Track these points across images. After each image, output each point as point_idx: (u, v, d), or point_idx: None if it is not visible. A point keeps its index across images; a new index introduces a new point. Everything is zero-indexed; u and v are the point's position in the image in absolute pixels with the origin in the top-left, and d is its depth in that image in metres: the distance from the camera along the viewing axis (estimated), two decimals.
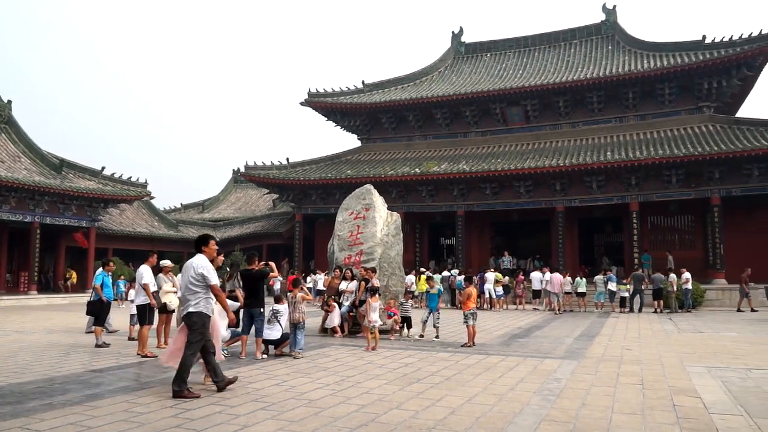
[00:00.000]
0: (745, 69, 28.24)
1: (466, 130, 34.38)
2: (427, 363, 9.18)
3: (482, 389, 7.12)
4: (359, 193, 14.06)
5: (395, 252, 13.48)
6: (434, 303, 12.68)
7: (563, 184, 28.82)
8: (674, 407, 6.20)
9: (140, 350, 9.76)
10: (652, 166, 26.57)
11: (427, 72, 38.59)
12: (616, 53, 33.67)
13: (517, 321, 17.52)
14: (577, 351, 10.74)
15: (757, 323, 16.70)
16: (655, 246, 29.09)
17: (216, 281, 6.97)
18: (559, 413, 5.93)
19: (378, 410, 6.01)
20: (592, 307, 22.47)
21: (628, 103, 30.76)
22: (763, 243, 26.54)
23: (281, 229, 36.70)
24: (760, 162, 25.25)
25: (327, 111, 36.61)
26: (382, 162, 34.02)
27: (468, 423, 5.53)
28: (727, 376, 7.97)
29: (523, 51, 38.08)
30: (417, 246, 33.83)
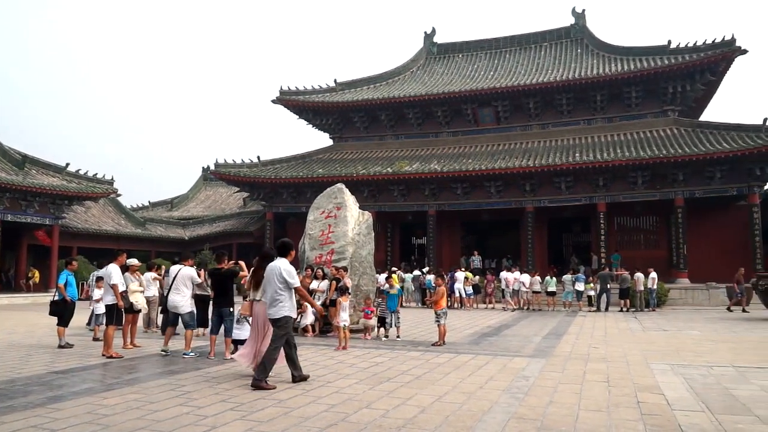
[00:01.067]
0: (708, 74, 29.00)
1: (437, 130, 34.56)
2: (397, 362, 9.20)
3: (452, 387, 7.16)
4: (331, 192, 14.01)
5: (366, 251, 13.48)
6: (394, 303, 12.71)
7: (533, 184, 29.19)
8: (638, 404, 6.33)
9: (105, 351, 9.55)
10: (619, 168, 27.10)
11: (400, 72, 38.68)
12: (585, 56, 34.23)
13: (486, 320, 17.68)
14: (546, 349, 10.89)
15: (719, 322, 17.17)
16: (622, 246, 29.69)
17: (298, 283, 7.58)
18: (527, 411, 6.00)
19: (348, 409, 6.00)
20: (560, 306, 22.82)
21: (596, 106, 31.31)
22: (723, 244, 27.33)
23: (252, 227, 36.37)
24: (721, 165, 25.97)
25: (299, 109, 36.42)
26: (354, 161, 33.98)
27: (437, 421, 5.56)
28: (690, 374, 8.17)
29: (495, 52, 38.45)
30: (388, 245, 33.90)
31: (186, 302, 9.92)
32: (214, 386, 7.16)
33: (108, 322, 9.88)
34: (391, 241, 34.33)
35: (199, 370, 8.39)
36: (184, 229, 38.99)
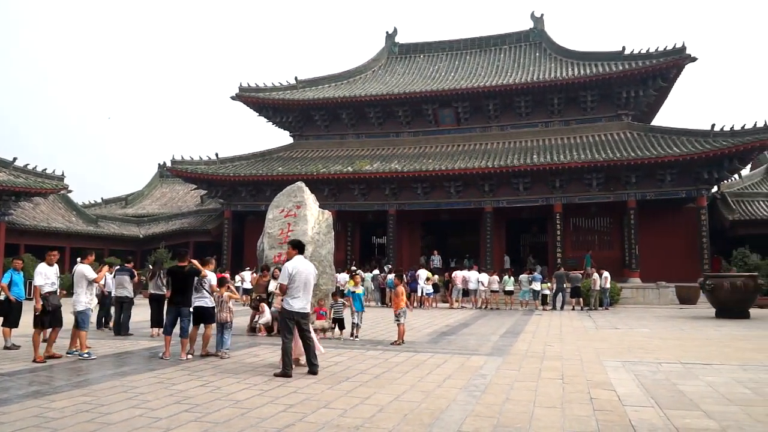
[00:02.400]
0: (660, 80, 29.95)
1: (398, 130, 34.67)
2: (356, 361, 9.18)
3: (410, 386, 7.19)
4: (290, 190, 13.87)
5: (326, 250, 13.40)
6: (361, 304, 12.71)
7: (492, 185, 29.59)
8: (591, 400, 6.48)
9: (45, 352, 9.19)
10: (575, 170, 27.72)
11: (361, 71, 38.64)
12: (543, 60, 34.89)
13: (445, 319, 17.82)
14: (503, 348, 11.04)
15: (668, 320, 17.74)
16: (577, 246, 30.39)
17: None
18: (484, 408, 6.07)
19: (306, 409, 5.96)
20: (518, 305, 23.21)
21: (554, 109, 31.94)
22: (673, 244, 28.26)
23: (209, 226, 35.75)
24: (672, 168, 26.85)
25: (259, 106, 35.98)
26: (314, 159, 33.78)
27: (396, 420, 5.57)
28: (640, 370, 8.42)
29: (455, 54, 38.82)
30: (348, 245, 33.83)
31: (80, 300, 9.55)
32: (168, 387, 7.00)
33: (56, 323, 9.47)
34: (352, 240, 34.27)
35: (154, 371, 8.19)
36: (139, 226, 38.02)
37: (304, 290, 8.04)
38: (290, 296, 7.95)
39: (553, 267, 27.53)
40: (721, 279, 18.97)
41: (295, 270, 7.96)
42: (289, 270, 7.96)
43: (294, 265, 8.02)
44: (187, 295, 9.51)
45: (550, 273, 26.19)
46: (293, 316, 7.97)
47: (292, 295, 7.95)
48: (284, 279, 7.95)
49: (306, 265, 8.24)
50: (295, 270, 7.97)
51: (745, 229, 29.45)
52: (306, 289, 8.07)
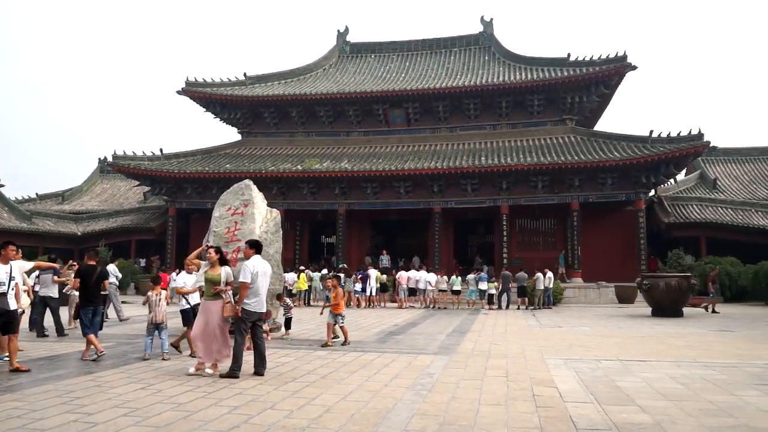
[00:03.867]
0: (602, 87, 30.96)
1: (349, 129, 34.61)
2: (303, 362, 9.11)
3: (357, 386, 7.19)
4: (238, 188, 13.63)
5: (274, 250, 13.23)
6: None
7: (441, 186, 29.92)
8: (534, 397, 6.64)
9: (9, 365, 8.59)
10: (521, 172, 28.34)
11: (312, 69, 38.37)
12: (492, 64, 35.52)
13: (394, 318, 17.90)
14: (450, 347, 11.18)
15: (608, 318, 18.37)
16: (523, 247, 31.09)
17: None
18: (430, 407, 6.12)
19: (251, 411, 5.87)
20: (465, 304, 23.54)
21: (502, 112, 32.56)
22: (613, 246, 29.26)
23: (153, 223, 34.75)
24: (612, 172, 27.81)
25: (206, 102, 35.21)
26: (262, 157, 33.33)
27: (342, 420, 5.55)
28: (581, 367, 8.68)
29: (406, 55, 39.05)
30: (297, 244, 33.53)
31: None
32: (106, 391, 6.76)
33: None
34: (300, 239, 33.99)
35: (91, 374, 7.90)
36: (77, 224, 36.55)
37: (262, 290, 8.04)
38: (249, 296, 7.85)
39: (499, 267, 28.06)
40: (657, 279, 19.79)
41: (255, 269, 7.92)
42: (251, 269, 7.89)
43: (254, 264, 7.96)
44: (99, 294, 9.59)
45: (497, 273, 26.70)
46: (251, 316, 7.88)
47: (252, 296, 7.86)
48: (247, 277, 7.81)
49: (264, 265, 8.21)
50: (256, 269, 7.93)
51: (679, 231, 30.84)
52: (263, 289, 8.08)
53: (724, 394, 6.78)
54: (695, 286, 20.93)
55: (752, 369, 8.51)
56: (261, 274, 8.00)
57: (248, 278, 7.81)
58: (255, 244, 8.33)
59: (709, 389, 7.05)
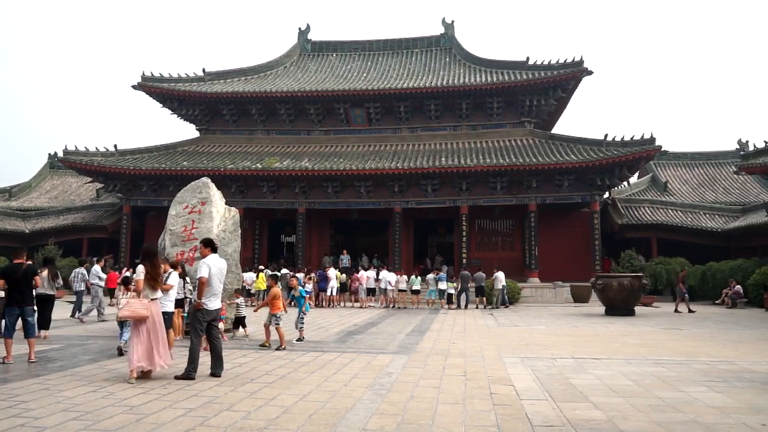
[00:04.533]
0: (560, 90, 31.63)
1: (310, 128, 34.39)
2: (261, 362, 9.01)
3: (316, 386, 7.15)
4: (195, 186, 13.38)
5: (232, 249, 13.05)
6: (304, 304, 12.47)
7: (401, 186, 30.03)
8: (491, 395, 6.72)
9: None
10: (481, 174, 28.70)
11: (273, 66, 37.99)
12: (453, 65, 35.85)
13: (354, 318, 17.89)
14: (409, 346, 11.23)
15: (563, 317, 18.77)
16: (481, 247, 31.49)
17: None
18: (389, 406, 6.13)
19: (207, 413, 5.77)
20: (424, 303, 23.69)
21: (462, 113, 32.90)
22: (569, 246, 29.91)
23: (106, 221, 33.78)
24: (569, 174, 28.44)
25: (163, 97, 34.45)
26: (221, 155, 32.81)
27: (300, 421, 5.51)
28: (537, 365, 8.84)
29: (368, 54, 39.05)
30: (256, 243, 33.14)
31: None
32: (55, 395, 6.53)
33: None
34: (259, 238, 33.60)
35: (39, 377, 7.62)
36: (24, 221, 35.24)
37: (218, 289, 7.96)
38: (205, 295, 7.75)
39: (459, 267, 28.35)
40: (610, 279, 20.33)
41: (213, 267, 7.84)
42: (208, 265, 7.79)
43: (212, 262, 7.87)
44: (28, 293, 9.05)
45: (456, 273, 26.96)
46: (207, 315, 7.78)
47: (208, 294, 7.76)
48: (204, 272, 7.70)
49: (221, 263, 8.12)
50: (213, 267, 7.84)
51: (632, 232, 31.77)
52: (219, 287, 8.00)
53: (672, 390, 7.00)
54: (646, 286, 21.60)
55: (699, 366, 8.82)
56: (218, 272, 7.91)
57: (206, 273, 7.70)
58: (210, 243, 8.22)
59: (658, 386, 7.27)
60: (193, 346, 7.66)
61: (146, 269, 7.78)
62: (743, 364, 9.00)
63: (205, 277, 7.68)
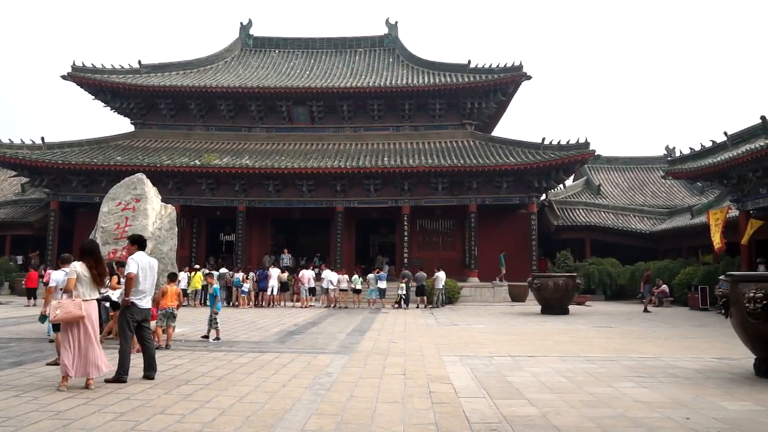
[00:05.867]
0: (500, 94, 32.35)
1: (250, 125, 33.81)
2: (197, 364, 8.78)
3: (254, 387, 7.02)
4: (130, 182, 12.92)
5: (168, 247, 12.68)
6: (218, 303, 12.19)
7: (344, 185, 29.95)
8: (430, 394, 6.78)
9: None
10: (422, 174, 28.98)
11: (213, 60, 37.10)
12: (396, 66, 36.06)
13: (294, 318, 17.70)
14: (349, 346, 11.20)
15: (501, 316, 19.20)
16: (423, 247, 31.80)
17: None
18: (328, 406, 6.09)
19: (139, 417, 5.55)
20: (365, 303, 23.71)
21: (405, 114, 33.13)
22: (507, 246, 30.58)
23: (32, 217, 32.10)
24: (508, 176, 29.12)
25: (95, 89, 33.04)
26: (158, 150, 31.79)
27: (237, 423, 5.39)
28: (475, 364, 8.99)
29: (311, 52, 38.75)
30: (194, 241, 32.28)
31: None
32: None
33: None
34: (197, 236, 32.73)
35: None
36: None
37: (150, 288, 7.72)
38: (135, 294, 7.47)
39: (400, 266, 28.53)
40: (546, 279, 20.96)
41: (142, 263, 7.59)
42: (137, 262, 7.54)
43: (138, 259, 7.61)
44: None
45: (398, 272, 27.12)
46: (137, 314, 7.50)
47: (138, 293, 7.50)
48: (133, 268, 7.46)
49: (152, 261, 7.91)
50: (142, 264, 7.60)
51: (567, 233, 32.87)
52: (152, 286, 7.76)
53: (603, 386, 7.27)
54: (580, 286, 22.39)
55: (628, 362, 9.20)
56: (148, 269, 7.66)
57: (134, 269, 7.46)
58: (137, 240, 7.96)
59: (590, 382, 7.53)
60: (123, 348, 7.36)
61: (90, 266, 7.26)
62: (668, 360, 9.45)
63: (134, 273, 7.43)
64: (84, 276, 7.08)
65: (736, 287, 7.91)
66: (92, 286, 7.15)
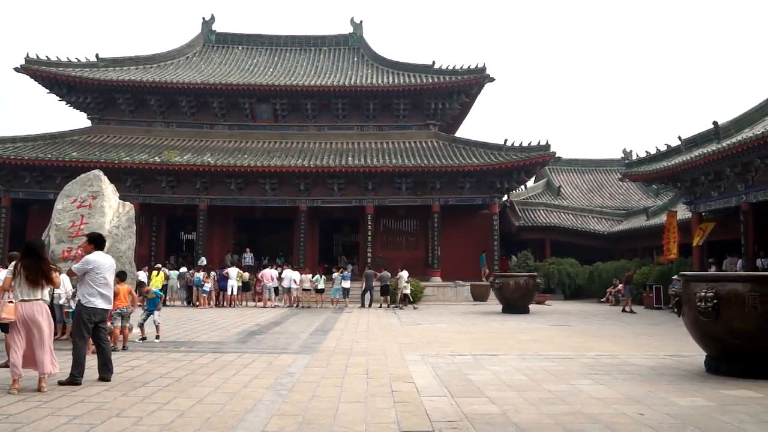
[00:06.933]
0: (464, 95, 32.66)
1: (213, 122, 33.29)
2: (156, 365, 8.60)
3: (214, 388, 6.92)
4: (86, 178, 12.55)
5: (126, 246, 12.36)
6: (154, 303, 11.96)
7: (307, 184, 29.77)
8: (392, 393, 6.80)
9: None
10: (386, 174, 29.04)
11: (174, 56, 36.39)
12: (361, 65, 36.03)
13: (256, 318, 17.52)
14: (312, 345, 11.15)
15: (463, 315, 19.39)
16: (386, 247, 31.87)
17: None
18: (290, 407, 6.05)
19: (94, 420, 5.41)
20: (329, 303, 23.62)
21: (369, 114, 33.13)
22: (469, 246, 30.96)
23: None
24: (471, 177, 29.42)
25: (50, 82, 32.01)
26: (116, 146, 31.00)
27: (197, 425, 5.31)
28: (437, 363, 9.06)
29: (275, 50, 38.40)
30: (153, 240, 31.63)
31: None
32: None
33: None
34: (157, 235, 32.07)
35: None
36: None
37: (106, 287, 7.50)
38: (91, 293, 7.29)
39: (364, 266, 28.53)
40: (507, 278, 21.27)
41: (97, 263, 7.40)
42: (90, 260, 7.37)
43: (95, 259, 7.43)
44: None
45: (361, 272, 27.11)
46: (93, 315, 7.30)
47: (94, 292, 7.31)
48: (78, 267, 7.33)
49: (109, 260, 7.71)
50: (97, 263, 7.41)
51: (528, 233, 33.43)
52: (108, 286, 7.55)
53: (561, 383, 7.42)
54: (540, 285, 22.78)
55: (586, 360, 9.41)
56: (105, 269, 7.48)
57: (79, 267, 7.35)
58: (96, 239, 7.77)
59: (549, 380, 7.67)
60: (78, 349, 7.16)
61: (26, 265, 6.96)
62: (624, 357, 9.70)
63: (75, 271, 7.34)
64: (20, 276, 6.82)
65: (688, 287, 8.17)
66: (30, 286, 6.85)
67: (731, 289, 7.63)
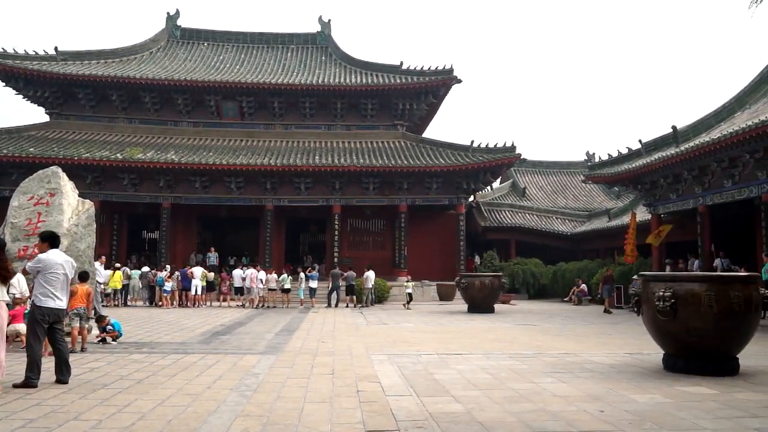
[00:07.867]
0: (431, 96, 32.84)
1: (177, 119, 32.72)
2: (116, 366, 8.41)
3: (177, 390, 6.80)
4: (43, 175, 12.20)
5: (86, 245, 12.06)
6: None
7: (274, 183, 29.52)
8: (358, 393, 6.79)
9: None
10: (354, 173, 29.00)
11: (137, 50, 35.63)
12: (329, 64, 35.89)
13: (220, 318, 17.29)
14: (277, 346, 11.05)
15: (429, 315, 19.49)
16: (353, 246, 31.80)
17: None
18: (254, 408, 5.99)
19: (50, 423, 5.25)
20: (296, 303, 23.48)
21: (337, 113, 33.03)
22: (436, 246, 31.12)
23: None
24: (438, 177, 29.60)
25: (6, 75, 30.96)
26: (76, 142, 30.20)
27: (158, 427, 5.20)
28: (403, 362, 9.08)
29: (242, 47, 37.95)
30: (114, 239, 30.90)
31: None
32: None
33: None
34: (118, 234, 31.34)
35: None
36: None
37: (63, 287, 7.29)
38: (45, 292, 7.07)
39: (330, 266, 28.42)
40: (473, 278, 21.48)
41: (49, 262, 7.19)
42: (43, 259, 7.17)
43: (47, 257, 7.23)
44: None
45: (328, 271, 27.00)
46: (47, 315, 7.08)
47: (47, 291, 7.09)
48: (35, 264, 7.15)
49: (64, 258, 7.49)
50: (50, 262, 7.20)
51: (494, 234, 33.83)
52: (65, 286, 7.35)
53: (525, 382, 7.52)
54: (505, 285, 23.06)
55: (548, 359, 9.56)
56: (60, 267, 7.28)
57: (31, 266, 7.20)
58: (49, 237, 7.55)
59: (513, 378, 7.77)
60: (33, 351, 6.93)
61: None
62: (585, 356, 9.89)
63: (28, 270, 7.22)
64: None
65: (647, 287, 8.37)
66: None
67: (688, 288, 7.85)
